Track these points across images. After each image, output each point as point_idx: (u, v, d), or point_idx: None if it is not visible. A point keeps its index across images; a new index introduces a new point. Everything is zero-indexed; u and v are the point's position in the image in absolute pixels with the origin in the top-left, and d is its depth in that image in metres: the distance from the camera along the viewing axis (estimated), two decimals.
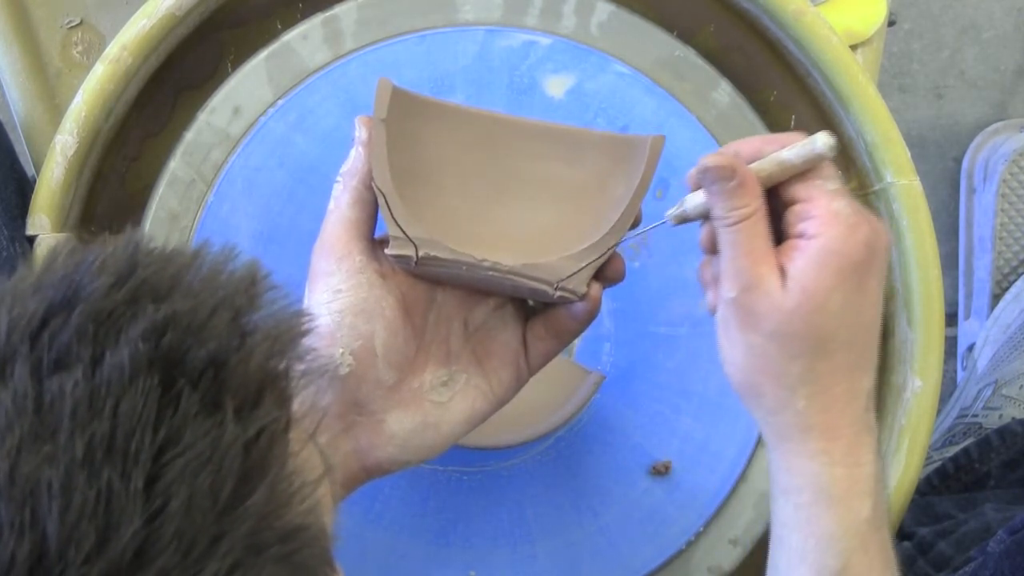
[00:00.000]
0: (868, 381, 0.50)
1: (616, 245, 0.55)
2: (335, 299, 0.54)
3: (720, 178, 0.51)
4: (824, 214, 0.49)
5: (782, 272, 0.50)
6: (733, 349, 0.52)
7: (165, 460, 0.30)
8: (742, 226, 0.51)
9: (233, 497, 0.31)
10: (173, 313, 0.33)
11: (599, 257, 0.55)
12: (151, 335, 0.32)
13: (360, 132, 0.55)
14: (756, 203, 0.51)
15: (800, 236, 0.50)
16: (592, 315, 0.57)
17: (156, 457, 0.30)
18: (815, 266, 0.49)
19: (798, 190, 0.51)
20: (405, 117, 0.55)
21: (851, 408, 0.50)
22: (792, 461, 0.51)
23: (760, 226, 0.51)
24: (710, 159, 0.51)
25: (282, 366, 0.35)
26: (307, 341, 0.37)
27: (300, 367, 0.37)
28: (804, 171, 0.51)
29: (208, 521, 0.30)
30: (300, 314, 0.37)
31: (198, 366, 0.32)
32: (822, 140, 0.50)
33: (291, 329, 0.36)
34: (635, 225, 0.57)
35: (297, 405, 0.36)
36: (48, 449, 0.30)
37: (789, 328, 0.49)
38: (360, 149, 0.55)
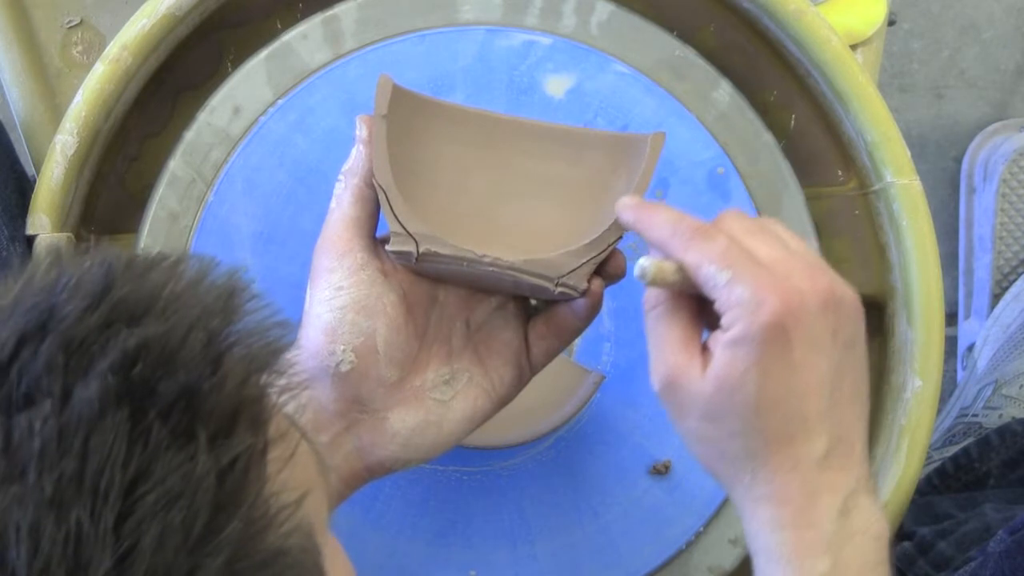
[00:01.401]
0: (816, 444, 0.50)
1: (617, 242, 0.56)
2: (336, 296, 0.54)
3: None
4: (727, 308, 0.49)
5: (704, 361, 0.50)
6: (680, 434, 0.53)
7: (136, 496, 0.30)
8: (654, 314, 0.52)
9: (207, 530, 0.31)
10: (145, 340, 0.32)
11: (600, 253, 0.55)
12: (121, 367, 0.31)
13: (361, 131, 0.55)
14: (663, 298, 0.52)
15: (719, 326, 0.50)
16: (594, 312, 0.57)
17: (126, 494, 0.30)
18: (726, 355, 0.49)
19: (702, 288, 0.50)
20: (406, 115, 0.55)
21: (797, 474, 0.50)
22: (750, 528, 0.52)
23: (675, 315, 0.52)
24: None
25: (257, 389, 0.34)
26: (287, 355, 0.36)
27: (281, 382, 0.36)
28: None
29: (181, 556, 0.30)
30: (281, 325, 0.36)
31: (169, 397, 0.32)
32: (637, 267, 0.50)
33: (269, 344, 0.35)
34: None
35: (276, 425, 0.35)
36: (16, 490, 0.30)
37: (714, 412, 0.50)
38: (361, 147, 0.55)
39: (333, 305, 0.54)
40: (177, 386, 0.32)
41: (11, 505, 0.29)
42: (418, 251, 0.54)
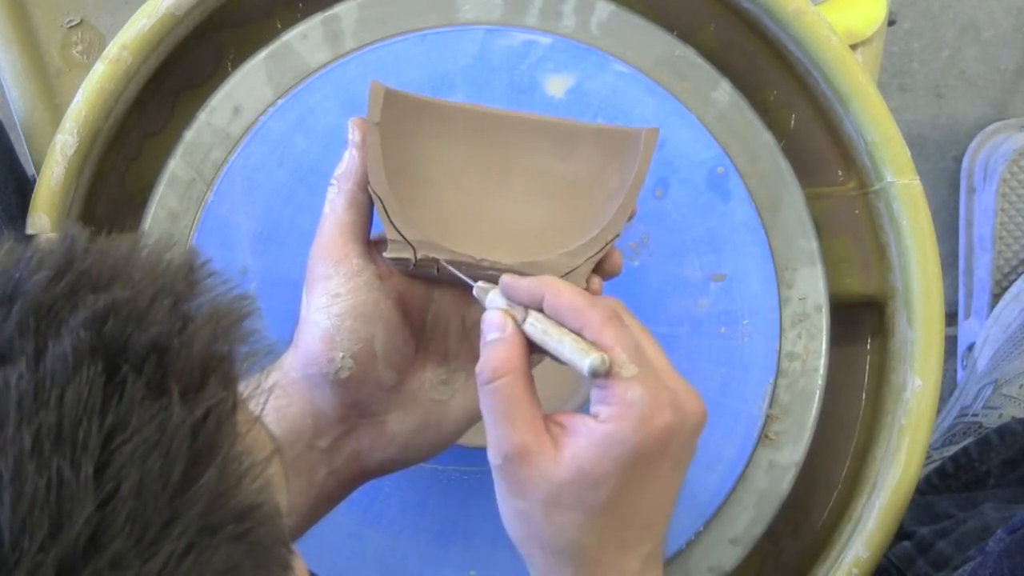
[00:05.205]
0: (642, 551, 0.50)
1: (614, 240, 0.55)
2: (334, 303, 0.54)
3: (489, 328, 0.52)
4: (617, 403, 0.48)
5: (556, 441, 0.49)
6: (504, 510, 0.52)
7: (114, 446, 0.30)
8: (494, 387, 0.51)
9: (184, 479, 0.31)
10: (113, 302, 0.33)
11: (598, 252, 0.55)
12: (92, 324, 0.32)
13: (354, 134, 0.55)
14: (511, 367, 0.51)
15: (594, 415, 0.50)
16: None
17: (104, 443, 0.30)
18: (597, 450, 0.48)
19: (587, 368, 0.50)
20: (398, 118, 0.55)
21: None
22: None
23: (517, 390, 0.50)
24: (490, 315, 0.51)
25: (225, 349, 0.35)
26: (249, 323, 0.37)
27: (243, 349, 0.37)
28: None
29: (160, 504, 0.31)
30: (241, 297, 0.37)
31: (141, 352, 0.32)
32: (589, 363, 0.48)
33: (232, 312, 0.36)
34: (631, 218, 0.57)
35: (242, 386, 0.36)
36: None
37: (558, 499, 0.49)
38: (354, 151, 0.55)
39: (331, 312, 0.54)
40: (149, 341, 0.33)
41: None
42: (416, 258, 0.54)
